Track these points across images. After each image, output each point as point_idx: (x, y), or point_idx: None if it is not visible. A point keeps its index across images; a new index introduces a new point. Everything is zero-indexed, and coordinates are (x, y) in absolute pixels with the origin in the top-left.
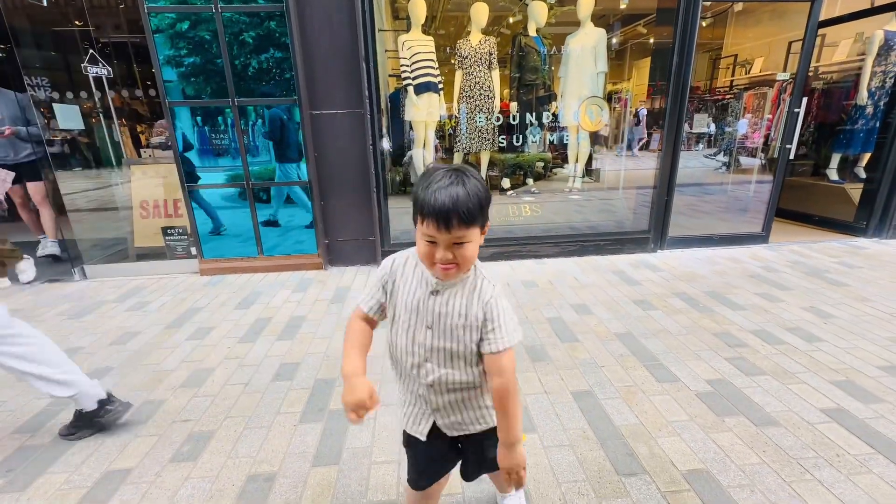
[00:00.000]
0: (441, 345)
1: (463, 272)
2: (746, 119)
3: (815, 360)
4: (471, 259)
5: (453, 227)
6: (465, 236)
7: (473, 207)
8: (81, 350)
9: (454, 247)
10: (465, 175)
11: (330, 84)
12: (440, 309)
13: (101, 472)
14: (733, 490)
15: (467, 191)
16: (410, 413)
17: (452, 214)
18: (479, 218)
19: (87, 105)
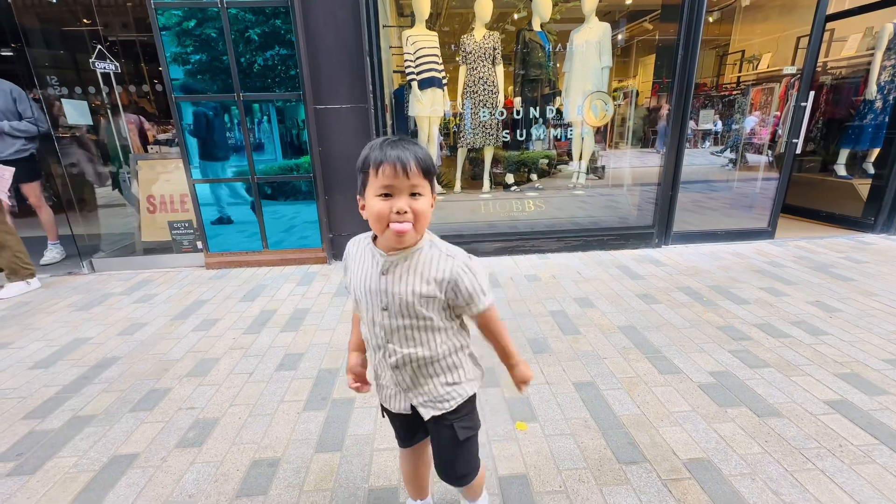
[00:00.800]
0: (398, 323)
1: (418, 234)
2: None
3: (820, 353)
4: (425, 216)
5: (411, 170)
6: (422, 186)
7: (429, 162)
8: (90, 340)
9: (411, 199)
10: (410, 141)
11: (334, 79)
12: (392, 288)
13: (109, 456)
14: (734, 478)
15: (417, 148)
16: (385, 394)
17: (411, 159)
18: (431, 174)
19: (96, 102)
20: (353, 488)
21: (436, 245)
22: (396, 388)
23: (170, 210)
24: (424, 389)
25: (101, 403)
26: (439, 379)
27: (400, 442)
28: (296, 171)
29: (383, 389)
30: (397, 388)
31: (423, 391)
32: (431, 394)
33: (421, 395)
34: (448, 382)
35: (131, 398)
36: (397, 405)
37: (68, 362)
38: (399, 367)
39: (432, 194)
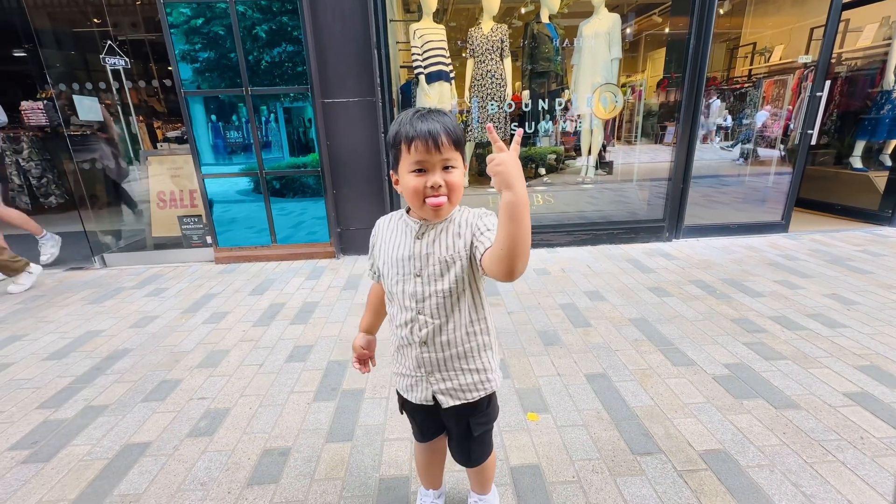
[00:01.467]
0: (432, 290)
1: (453, 206)
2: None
3: (838, 346)
4: (459, 188)
5: (443, 144)
6: (454, 159)
7: (459, 132)
8: (102, 332)
9: (445, 172)
10: (439, 112)
11: (342, 72)
12: (426, 250)
13: (122, 444)
14: (752, 470)
15: (446, 119)
16: (405, 384)
17: (441, 132)
18: (461, 146)
19: (108, 101)
20: (364, 477)
21: (466, 208)
22: (420, 371)
23: (180, 206)
24: (449, 374)
25: (114, 394)
26: (465, 363)
27: (417, 437)
28: (303, 169)
29: (404, 379)
30: (421, 373)
31: (448, 375)
32: (455, 379)
33: (444, 381)
34: (474, 369)
35: (143, 388)
36: (419, 394)
37: (81, 354)
38: (428, 343)
39: (464, 164)
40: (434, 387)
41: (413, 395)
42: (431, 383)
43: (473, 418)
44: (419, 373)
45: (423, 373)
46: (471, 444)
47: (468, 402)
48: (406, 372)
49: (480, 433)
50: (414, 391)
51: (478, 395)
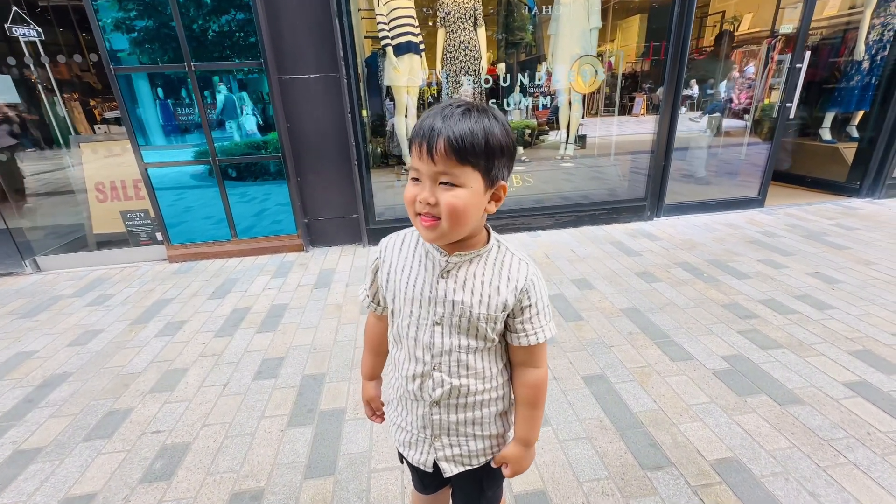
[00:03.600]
0: (456, 344)
1: (450, 232)
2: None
3: (830, 330)
4: (459, 214)
5: (437, 152)
6: (455, 175)
7: (475, 142)
8: (35, 354)
9: (440, 189)
10: (482, 111)
11: (299, 44)
12: (453, 296)
13: (59, 499)
14: (767, 480)
15: (476, 125)
16: (405, 438)
17: (441, 137)
18: (481, 161)
19: (33, 77)
20: None
21: (506, 247)
22: (425, 433)
23: (123, 198)
24: (459, 440)
25: (49, 432)
26: (480, 429)
27: (419, 488)
28: (264, 150)
29: (403, 433)
30: (426, 434)
31: (457, 441)
32: (464, 446)
33: (451, 447)
34: (488, 435)
35: (85, 423)
36: (419, 456)
37: (9, 383)
38: (440, 404)
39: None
40: (438, 452)
41: (412, 454)
42: (437, 448)
43: (487, 479)
44: (423, 434)
45: (429, 434)
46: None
47: (473, 467)
48: (407, 427)
49: (493, 491)
50: (413, 450)
51: (485, 461)
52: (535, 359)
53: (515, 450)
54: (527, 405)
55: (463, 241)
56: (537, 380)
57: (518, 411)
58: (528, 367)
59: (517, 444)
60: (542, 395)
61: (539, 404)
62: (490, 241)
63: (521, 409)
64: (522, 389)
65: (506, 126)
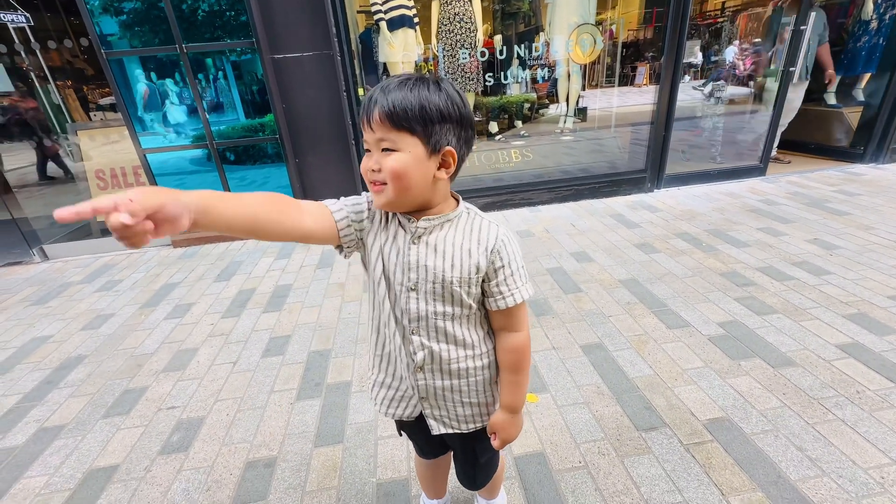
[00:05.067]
0: (431, 310)
1: (395, 196)
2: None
3: (826, 294)
4: (400, 176)
5: (374, 120)
6: (392, 141)
7: (409, 108)
8: (50, 339)
9: (382, 155)
10: (421, 81)
11: (291, 22)
12: (425, 261)
13: (84, 471)
14: (757, 437)
15: (415, 93)
16: (389, 396)
17: (377, 106)
18: (417, 126)
19: (24, 65)
20: (360, 484)
21: (476, 212)
22: (411, 391)
23: (123, 184)
24: (445, 404)
25: (70, 411)
26: (466, 396)
27: (420, 454)
28: (261, 132)
29: (387, 390)
30: (412, 393)
31: (444, 404)
32: (451, 410)
33: (437, 409)
34: (475, 402)
35: (103, 402)
36: (401, 411)
37: (27, 366)
38: (423, 370)
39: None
40: (426, 410)
41: (398, 411)
42: (423, 407)
43: (479, 445)
44: (410, 392)
45: (416, 394)
46: (476, 469)
47: (461, 431)
48: (394, 384)
49: (487, 457)
50: (398, 406)
51: (474, 427)
52: (514, 321)
53: (501, 417)
54: (509, 370)
55: (428, 208)
56: (518, 343)
57: (501, 377)
58: (508, 331)
59: (503, 411)
60: (524, 360)
61: (521, 369)
62: (459, 206)
63: (504, 375)
64: (504, 355)
65: (452, 95)
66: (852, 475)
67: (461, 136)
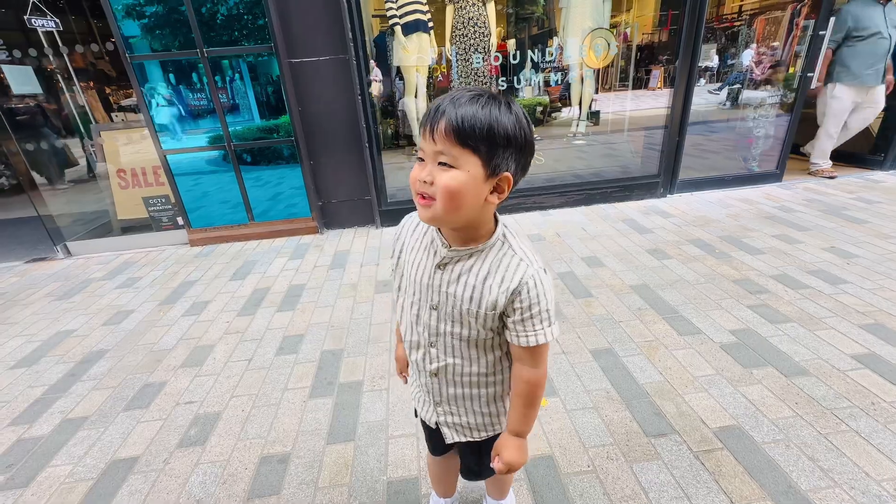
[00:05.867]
0: (449, 329)
1: (443, 214)
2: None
3: (841, 304)
4: (452, 195)
5: (437, 132)
6: (453, 157)
7: (478, 127)
8: (74, 333)
9: (438, 169)
10: (493, 99)
11: (308, 27)
12: (447, 288)
13: (106, 461)
14: (768, 446)
15: (486, 111)
16: (416, 395)
17: (444, 118)
18: (481, 146)
19: (50, 66)
20: (371, 481)
21: (510, 244)
22: (427, 397)
23: (144, 184)
24: (458, 410)
25: (93, 403)
26: (475, 405)
27: (431, 450)
28: (276, 134)
29: (415, 390)
30: (429, 398)
31: (455, 410)
32: (463, 417)
33: (451, 415)
34: (485, 412)
35: (124, 395)
36: (426, 414)
37: (53, 358)
38: (438, 376)
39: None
40: (440, 417)
41: (421, 410)
42: (438, 413)
43: (486, 446)
44: (427, 397)
45: (431, 399)
46: (484, 471)
47: (473, 440)
48: (417, 386)
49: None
50: (422, 407)
51: (486, 435)
52: (532, 358)
53: (507, 440)
54: (520, 398)
55: (467, 232)
56: (532, 377)
57: (512, 402)
58: (524, 364)
59: (508, 434)
60: (536, 394)
61: (532, 403)
62: (495, 235)
63: (515, 401)
64: (518, 384)
65: (521, 120)
66: (865, 487)
67: (521, 161)
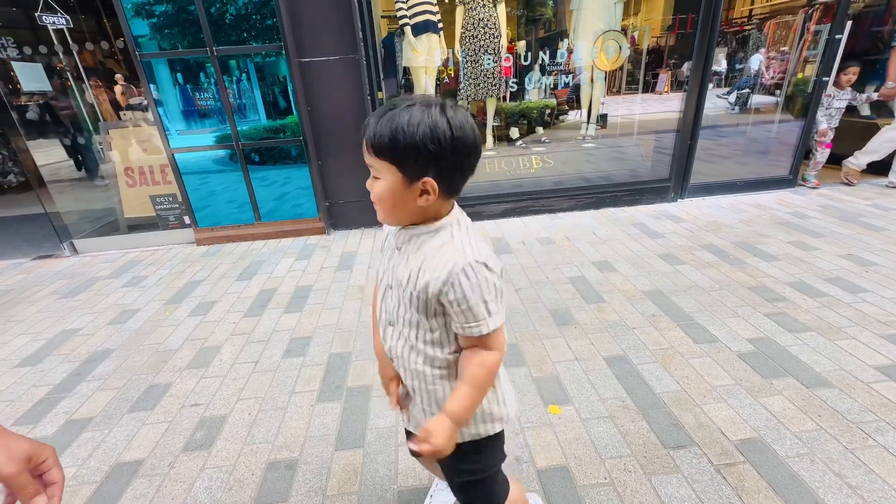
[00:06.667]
0: (402, 309)
1: (385, 217)
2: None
3: (862, 313)
4: (381, 202)
5: (363, 146)
6: (376, 168)
7: (385, 137)
8: (79, 331)
9: (371, 179)
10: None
11: (318, 26)
12: (396, 267)
13: (111, 464)
14: (792, 460)
15: (391, 123)
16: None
17: (367, 134)
18: (390, 154)
19: (59, 65)
20: (381, 490)
21: (454, 232)
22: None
23: (151, 183)
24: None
25: (98, 404)
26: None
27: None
28: (283, 134)
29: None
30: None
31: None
32: (417, 413)
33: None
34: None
35: (129, 396)
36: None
37: (57, 357)
38: (395, 361)
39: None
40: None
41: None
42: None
43: (454, 461)
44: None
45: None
46: (458, 492)
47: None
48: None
49: (463, 481)
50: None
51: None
52: (483, 342)
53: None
54: (468, 381)
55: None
56: (488, 359)
57: (456, 385)
58: (479, 347)
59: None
60: (487, 378)
61: (481, 386)
62: (442, 220)
63: (460, 384)
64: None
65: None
66: None
67: (441, 167)
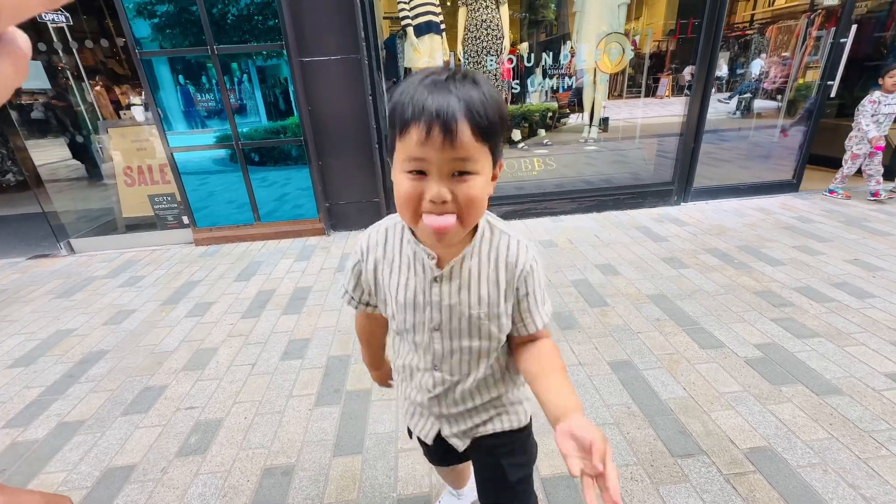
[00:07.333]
0: (456, 346)
1: (466, 228)
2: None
3: (870, 318)
4: (478, 204)
5: (457, 137)
6: (475, 160)
7: (492, 112)
8: (74, 332)
9: (455, 180)
10: (466, 73)
11: (320, 26)
12: (448, 300)
13: (102, 469)
14: (803, 470)
15: (483, 91)
16: (410, 411)
17: (459, 114)
18: (499, 134)
19: (60, 64)
20: (379, 498)
21: (498, 227)
22: (426, 411)
23: (150, 182)
24: (463, 420)
25: (90, 406)
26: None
27: (437, 462)
28: (283, 135)
29: (408, 405)
30: (428, 413)
31: (459, 421)
32: (467, 422)
33: (456, 425)
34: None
35: (123, 398)
36: (423, 429)
37: (51, 358)
38: (440, 398)
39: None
40: (444, 430)
41: (416, 424)
42: (442, 426)
43: (506, 459)
44: (426, 412)
45: (432, 414)
46: (504, 493)
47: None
48: (411, 399)
49: (519, 478)
50: (419, 423)
51: (500, 427)
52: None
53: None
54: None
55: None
56: (552, 344)
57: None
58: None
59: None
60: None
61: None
62: (480, 226)
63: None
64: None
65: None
66: None
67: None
